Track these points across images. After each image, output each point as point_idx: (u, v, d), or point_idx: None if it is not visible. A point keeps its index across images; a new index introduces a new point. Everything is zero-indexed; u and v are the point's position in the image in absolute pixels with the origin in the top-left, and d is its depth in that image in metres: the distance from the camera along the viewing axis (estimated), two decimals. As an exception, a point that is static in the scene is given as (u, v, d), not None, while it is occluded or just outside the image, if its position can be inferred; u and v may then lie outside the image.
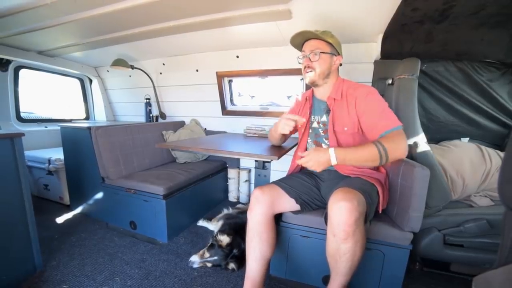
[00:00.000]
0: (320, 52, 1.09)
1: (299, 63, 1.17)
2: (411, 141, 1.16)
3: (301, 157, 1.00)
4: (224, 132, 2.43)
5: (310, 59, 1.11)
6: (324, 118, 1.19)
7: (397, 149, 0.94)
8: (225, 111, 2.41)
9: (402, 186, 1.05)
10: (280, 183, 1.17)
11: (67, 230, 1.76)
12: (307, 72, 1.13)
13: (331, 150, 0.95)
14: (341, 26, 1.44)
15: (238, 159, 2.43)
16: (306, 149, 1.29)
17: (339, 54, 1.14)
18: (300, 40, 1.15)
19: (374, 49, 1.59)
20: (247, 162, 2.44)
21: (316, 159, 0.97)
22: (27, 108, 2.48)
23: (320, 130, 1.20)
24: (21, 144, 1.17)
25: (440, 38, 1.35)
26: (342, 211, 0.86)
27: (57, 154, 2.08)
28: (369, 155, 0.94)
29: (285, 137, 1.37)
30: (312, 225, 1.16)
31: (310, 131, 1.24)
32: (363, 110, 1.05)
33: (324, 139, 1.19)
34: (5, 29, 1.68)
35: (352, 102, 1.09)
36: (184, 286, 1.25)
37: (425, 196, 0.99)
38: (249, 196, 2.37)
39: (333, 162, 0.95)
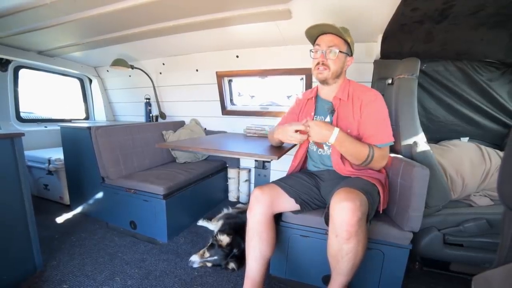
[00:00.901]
0: (339, 51, 1.06)
1: (312, 57, 1.13)
2: (410, 141, 1.17)
3: (307, 126, 1.00)
4: (224, 132, 2.43)
5: (325, 55, 1.07)
6: (327, 119, 1.18)
7: (379, 162, 1.06)
8: (225, 111, 2.41)
9: (402, 186, 1.05)
10: (280, 182, 1.17)
11: (67, 230, 1.76)
12: (320, 69, 1.09)
13: (336, 130, 0.97)
14: (341, 25, 1.44)
15: (238, 159, 2.43)
16: (307, 150, 1.29)
17: (351, 55, 1.13)
18: (316, 33, 1.09)
19: (374, 49, 1.59)
20: (247, 162, 2.44)
21: (319, 130, 0.98)
22: (27, 108, 2.47)
23: None
24: (21, 144, 1.17)
25: (440, 38, 1.35)
26: (344, 211, 0.86)
27: (57, 154, 2.08)
28: (360, 154, 1.02)
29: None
30: (312, 224, 1.16)
31: None
32: (366, 115, 1.06)
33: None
34: (4, 29, 1.68)
35: (357, 104, 1.08)
36: (184, 285, 1.25)
37: (424, 196, 0.99)
38: (249, 195, 2.37)
39: (331, 141, 0.98)
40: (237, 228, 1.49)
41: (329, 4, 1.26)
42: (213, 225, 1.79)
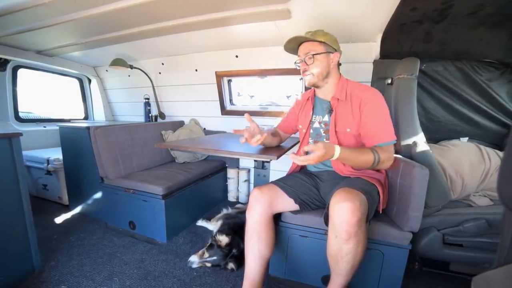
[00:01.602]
0: (314, 54, 1.07)
1: (297, 68, 1.16)
2: (410, 141, 1.16)
3: (305, 152, 0.98)
4: (224, 132, 2.42)
5: (306, 63, 1.10)
6: (326, 118, 1.18)
7: (387, 162, 1.01)
8: (224, 111, 2.40)
9: (401, 186, 1.05)
10: (279, 183, 1.16)
11: (66, 230, 1.75)
12: (306, 76, 1.13)
13: (338, 149, 0.92)
14: (340, 25, 1.44)
15: (238, 159, 2.43)
16: None
17: (336, 51, 1.12)
18: (294, 45, 1.14)
19: (374, 49, 1.59)
20: (247, 162, 2.43)
21: (321, 159, 0.89)
22: (25, 108, 2.47)
23: (321, 130, 1.20)
24: (19, 144, 1.17)
25: (439, 38, 1.35)
26: (344, 211, 0.86)
27: (56, 154, 2.07)
28: (366, 161, 0.99)
29: (279, 138, 1.36)
30: (311, 225, 1.16)
31: (311, 131, 1.23)
32: (366, 114, 1.05)
33: (325, 139, 1.19)
34: (3, 29, 1.67)
35: (356, 103, 1.07)
36: (183, 286, 1.24)
37: (424, 196, 0.99)
38: (248, 196, 2.35)
39: (334, 158, 0.93)
40: (236, 228, 1.49)
41: (328, 4, 1.26)
42: (212, 225, 1.79)
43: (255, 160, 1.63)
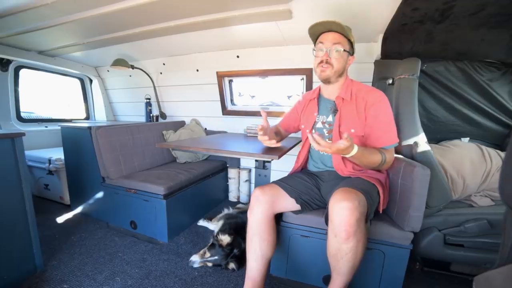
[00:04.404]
0: (343, 50, 1.06)
1: (314, 55, 1.11)
2: (411, 141, 1.16)
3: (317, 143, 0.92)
4: (225, 132, 2.43)
5: (329, 53, 1.06)
6: (330, 118, 1.17)
7: (389, 163, 1.07)
8: (225, 111, 2.41)
9: (402, 186, 1.05)
10: (281, 182, 1.17)
11: (68, 229, 1.76)
12: (323, 67, 1.08)
13: (356, 147, 0.92)
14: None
15: (239, 159, 2.43)
16: (309, 150, 1.29)
17: (353, 54, 1.13)
18: (320, 30, 1.07)
19: (375, 49, 1.59)
20: (248, 162, 2.44)
21: (339, 151, 0.90)
22: (27, 108, 2.48)
23: (324, 130, 1.19)
24: (21, 144, 1.18)
25: (440, 38, 1.35)
26: (343, 211, 0.86)
27: (58, 154, 2.08)
28: (374, 162, 1.02)
29: (280, 137, 1.37)
30: (313, 225, 1.16)
31: (314, 131, 1.22)
32: (371, 117, 1.05)
33: (327, 139, 1.17)
34: (5, 29, 1.68)
35: (361, 105, 1.07)
36: (185, 285, 1.25)
37: (425, 196, 0.99)
38: (249, 195, 2.37)
39: (349, 155, 0.94)
40: (237, 228, 1.49)
41: (329, 4, 1.26)
42: (214, 225, 1.79)
43: (256, 160, 1.63)
